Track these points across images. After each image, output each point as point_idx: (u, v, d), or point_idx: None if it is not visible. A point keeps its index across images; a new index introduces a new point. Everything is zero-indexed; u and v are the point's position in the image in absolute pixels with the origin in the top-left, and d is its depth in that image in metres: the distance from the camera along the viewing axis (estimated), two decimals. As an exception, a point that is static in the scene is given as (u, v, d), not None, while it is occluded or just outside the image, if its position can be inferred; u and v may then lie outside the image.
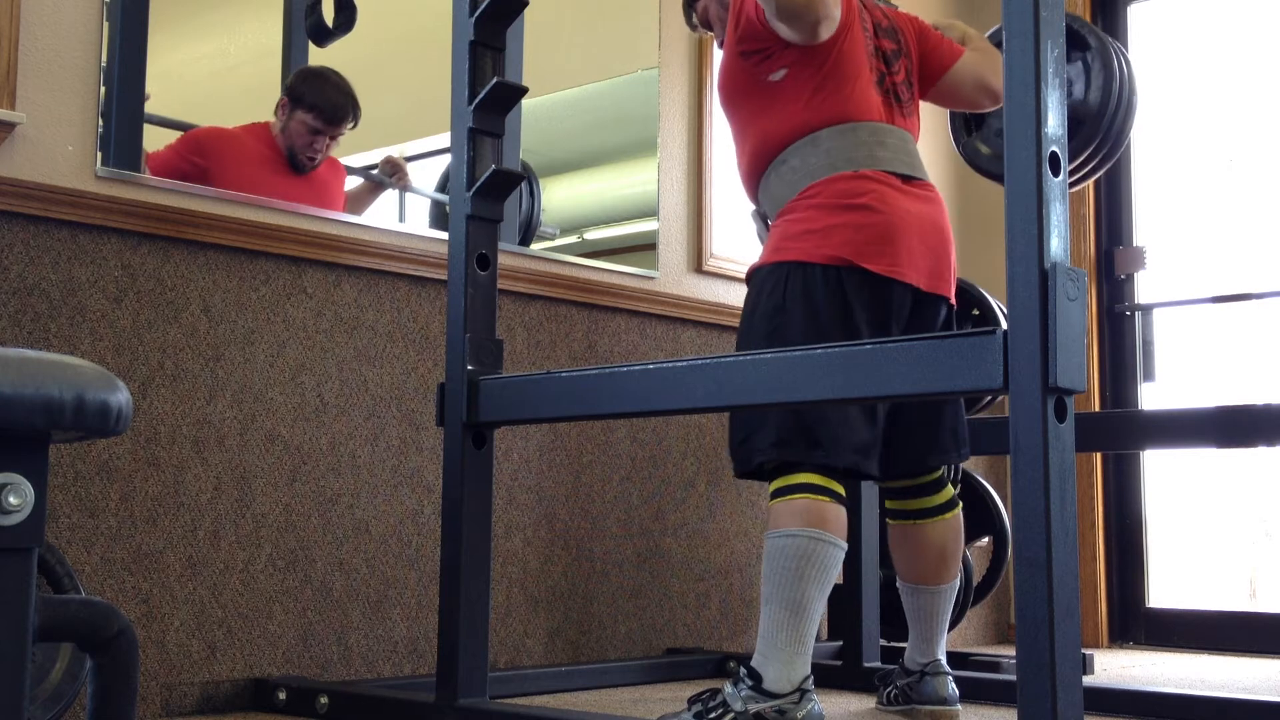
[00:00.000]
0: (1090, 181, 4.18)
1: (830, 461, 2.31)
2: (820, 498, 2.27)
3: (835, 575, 2.27)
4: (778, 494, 2.31)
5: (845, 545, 2.28)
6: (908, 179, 2.44)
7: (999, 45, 3.04)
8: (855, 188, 2.37)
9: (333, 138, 2.81)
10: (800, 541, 2.23)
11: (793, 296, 2.34)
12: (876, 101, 2.47)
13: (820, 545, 2.24)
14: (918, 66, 2.62)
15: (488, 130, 2.36)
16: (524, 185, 3.18)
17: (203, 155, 2.65)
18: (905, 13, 2.70)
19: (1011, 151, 1.62)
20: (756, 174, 2.50)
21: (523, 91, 2.39)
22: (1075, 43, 2.88)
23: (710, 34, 2.76)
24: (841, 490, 2.32)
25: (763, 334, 2.36)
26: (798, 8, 2.32)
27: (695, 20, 2.75)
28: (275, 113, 2.78)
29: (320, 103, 2.80)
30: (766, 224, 2.53)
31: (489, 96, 2.34)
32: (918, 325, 2.43)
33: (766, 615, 2.25)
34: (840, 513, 2.29)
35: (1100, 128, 2.91)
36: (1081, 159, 2.93)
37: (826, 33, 2.39)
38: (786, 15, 2.34)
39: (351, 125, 2.84)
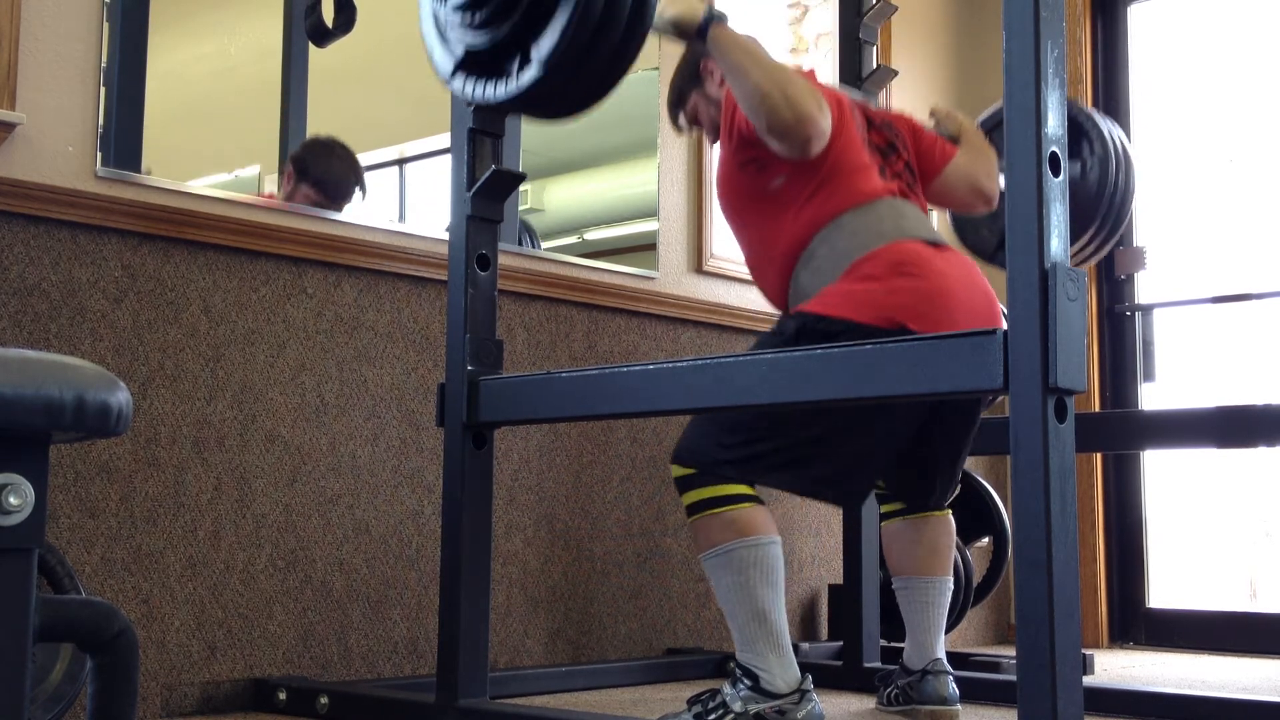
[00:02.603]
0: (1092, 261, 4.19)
1: (775, 485, 2.33)
2: (739, 505, 2.28)
3: (781, 570, 2.28)
4: (695, 510, 2.31)
5: (777, 537, 2.29)
6: (937, 245, 2.39)
7: (997, 126, 3.08)
8: (895, 257, 2.30)
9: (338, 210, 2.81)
10: (737, 553, 2.25)
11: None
12: (882, 184, 2.43)
13: (755, 549, 2.25)
14: (915, 160, 2.60)
15: (488, 130, 2.36)
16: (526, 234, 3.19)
17: None
18: (898, 112, 2.70)
19: (1011, 151, 1.62)
20: (785, 278, 2.43)
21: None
22: (1072, 129, 2.87)
23: (700, 130, 2.70)
24: (752, 489, 2.31)
25: None
26: (787, 126, 2.26)
27: (683, 121, 2.68)
28: (279, 182, 2.76)
29: (325, 178, 2.78)
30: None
31: (489, 96, 2.34)
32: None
33: (737, 632, 2.28)
34: (761, 510, 2.29)
35: (1100, 209, 2.92)
36: (1084, 240, 2.93)
37: (818, 148, 2.33)
38: (776, 133, 2.28)
39: (360, 196, 2.83)
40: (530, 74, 1.88)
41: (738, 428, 2.31)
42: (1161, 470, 4.24)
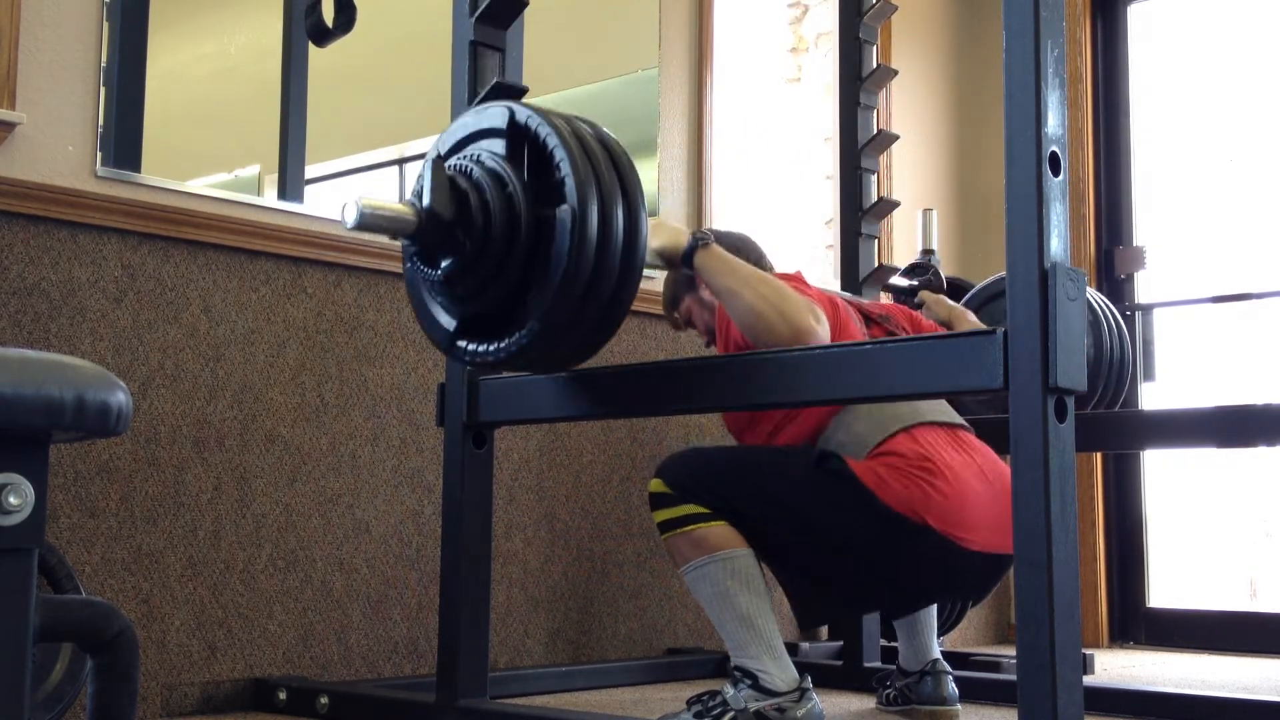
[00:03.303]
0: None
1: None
2: (707, 524, 2.28)
3: (759, 575, 2.29)
4: (665, 529, 2.33)
5: (750, 549, 2.29)
6: (953, 427, 2.37)
7: (985, 304, 3.11)
8: (917, 448, 2.27)
9: None
10: (712, 566, 2.27)
11: (856, 506, 2.24)
12: None
13: (729, 562, 2.27)
14: None
15: (488, 131, 2.35)
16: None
17: None
18: (895, 304, 2.71)
19: (1011, 151, 1.62)
20: None
21: (523, 92, 2.38)
22: None
23: (692, 329, 2.73)
24: (713, 508, 2.32)
25: (808, 492, 2.28)
26: (784, 342, 2.19)
27: (678, 318, 2.70)
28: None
29: None
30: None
31: (489, 96, 2.33)
32: (985, 582, 2.38)
33: (728, 640, 2.30)
34: (725, 526, 2.29)
35: (1100, 376, 2.94)
36: (1089, 406, 2.96)
37: None
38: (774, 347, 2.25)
39: None
40: (525, 334, 1.83)
41: (733, 482, 2.30)
42: (1161, 470, 4.24)
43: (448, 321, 1.94)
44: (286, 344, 2.70)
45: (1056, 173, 1.61)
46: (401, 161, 3.06)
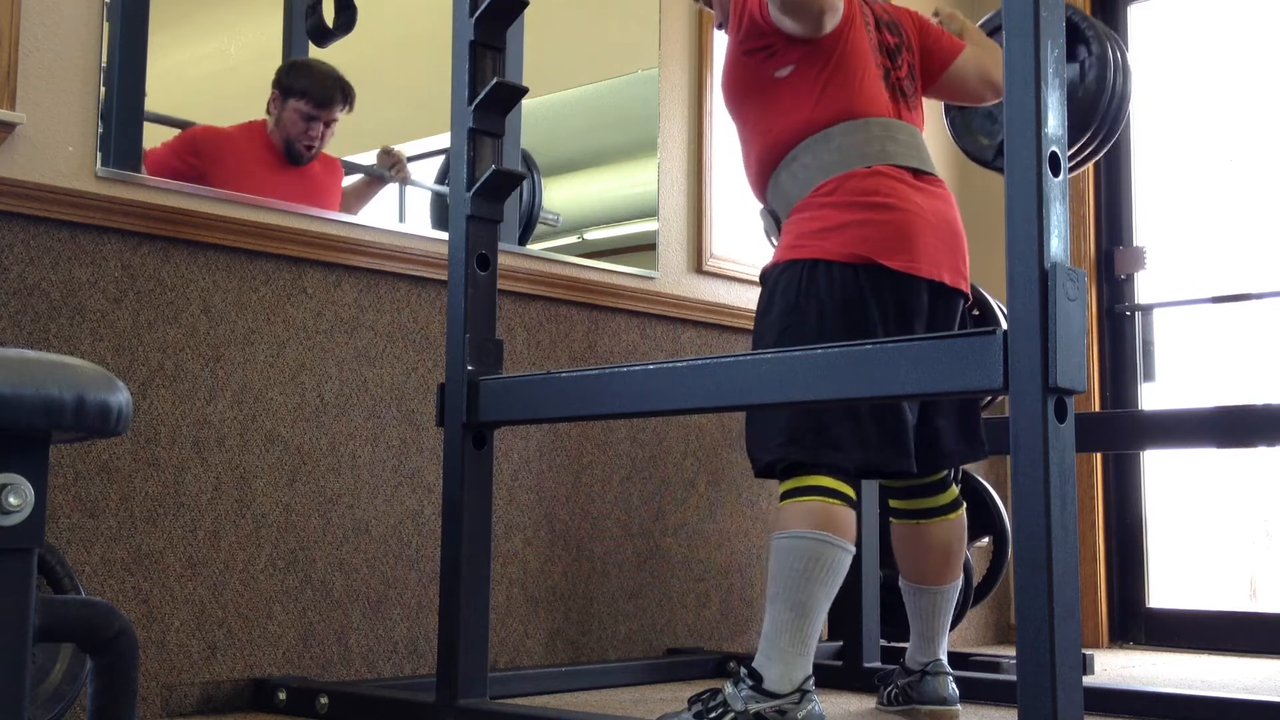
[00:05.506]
0: (1088, 167, 4.18)
1: (841, 461, 2.29)
2: (830, 500, 2.26)
3: (841, 579, 2.26)
4: (788, 495, 2.29)
5: (854, 549, 2.27)
6: (919, 174, 2.42)
7: (994, 34, 3.07)
8: (870, 185, 2.35)
9: (327, 124, 2.81)
10: (808, 543, 2.23)
11: (807, 295, 2.32)
12: (884, 97, 2.46)
13: (828, 548, 2.23)
14: (920, 61, 2.61)
15: (488, 130, 2.36)
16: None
17: (198, 155, 2.66)
18: (904, 7, 2.69)
19: (1011, 151, 1.62)
20: (766, 172, 2.48)
21: (523, 91, 2.39)
22: (1070, 33, 2.89)
23: (710, 10, 2.75)
24: (853, 494, 2.30)
25: (775, 334, 2.34)
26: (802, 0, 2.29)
27: None
28: (267, 109, 2.78)
29: (309, 87, 2.80)
30: (777, 221, 2.50)
31: (489, 96, 2.34)
32: (939, 322, 2.40)
33: (771, 615, 2.25)
34: (850, 516, 2.28)
35: (1097, 113, 2.91)
36: (1083, 141, 2.93)
37: (831, 23, 2.37)
38: (790, 8, 2.32)
39: (345, 109, 2.83)
40: None
41: (780, 418, 2.32)
42: (1161, 470, 4.24)
43: None
44: (286, 344, 2.70)
45: (1056, 173, 1.61)
46: (401, 161, 3.06)
